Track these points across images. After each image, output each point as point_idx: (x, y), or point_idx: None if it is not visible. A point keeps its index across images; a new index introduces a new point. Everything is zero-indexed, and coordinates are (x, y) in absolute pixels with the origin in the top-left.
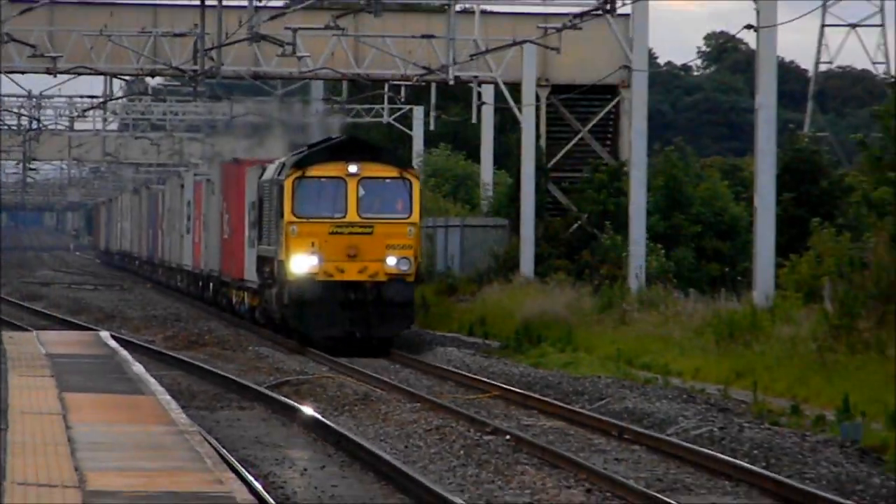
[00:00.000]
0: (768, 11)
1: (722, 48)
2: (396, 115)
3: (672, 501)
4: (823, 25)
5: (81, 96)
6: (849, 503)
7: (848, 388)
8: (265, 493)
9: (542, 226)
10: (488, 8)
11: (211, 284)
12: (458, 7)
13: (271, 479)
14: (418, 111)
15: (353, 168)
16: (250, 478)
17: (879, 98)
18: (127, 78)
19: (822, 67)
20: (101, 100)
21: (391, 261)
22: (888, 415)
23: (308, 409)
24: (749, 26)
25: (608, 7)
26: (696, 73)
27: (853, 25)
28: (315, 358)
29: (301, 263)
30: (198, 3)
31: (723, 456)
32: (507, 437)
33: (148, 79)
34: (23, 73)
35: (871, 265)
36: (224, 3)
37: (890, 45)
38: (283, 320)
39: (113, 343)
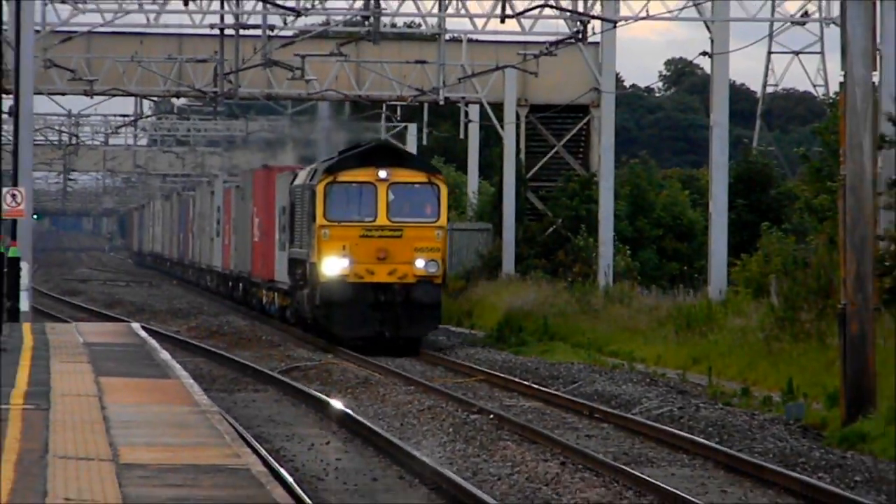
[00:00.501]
0: (721, 40)
1: (680, 72)
2: (393, 132)
3: (637, 473)
4: (770, 52)
5: (115, 115)
6: (792, 474)
7: (792, 372)
8: (277, 466)
9: (522, 229)
10: (474, 37)
11: (241, 284)
12: (447, 36)
13: (282, 453)
14: (412, 128)
15: (382, 173)
16: (264, 452)
17: (819, 117)
18: (155, 99)
19: (769, 89)
20: (132, 118)
21: (419, 263)
22: (827, 396)
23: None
24: (704, 53)
25: (580, 36)
26: (657, 95)
27: (796, 52)
28: (321, 346)
29: (332, 266)
30: (217, 32)
31: (681, 432)
32: (491, 416)
33: (174, 99)
34: (63, 94)
35: (812, 264)
36: (241, 32)
37: (829, 69)
38: (315, 321)
39: (143, 333)
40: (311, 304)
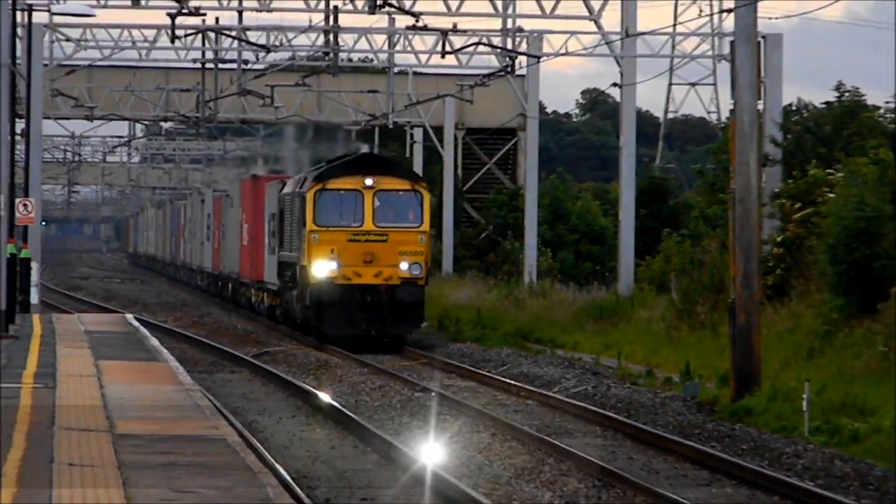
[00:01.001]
0: (629, 73)
1: (594, 101)
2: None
3: (557, 442)
4: (670, 84)
5: (112, 136)
6: (689, 443)
7: (689, 356)
8: (250, 436)
9: (459, 235)
10: (418, 70)
11: (230, 284)
12: (395, 69)
13: (255, 425)
14: (365, 148)
15: (369, 181)
16: (239, 424)
17: (713, 139)
18: (146, 122)
19: (670, 115)
20: (126, 139)
21: (404, 266)
22: (719, 377)
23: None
24: (615, 84)
25: (509, 70)
26: (574, 120)
27: (693, 84)
28: (288, 333)
29: (321, 268)
30: (199, 66)
31: (595, 408)
32: (433, 394)
33: (162, 123)
34: (67, 119)
35: (706, 264)
36: (219, 66)
37: (720, 99)
38: (304, 320)
39: (135, 323)
40: (301, 304)
